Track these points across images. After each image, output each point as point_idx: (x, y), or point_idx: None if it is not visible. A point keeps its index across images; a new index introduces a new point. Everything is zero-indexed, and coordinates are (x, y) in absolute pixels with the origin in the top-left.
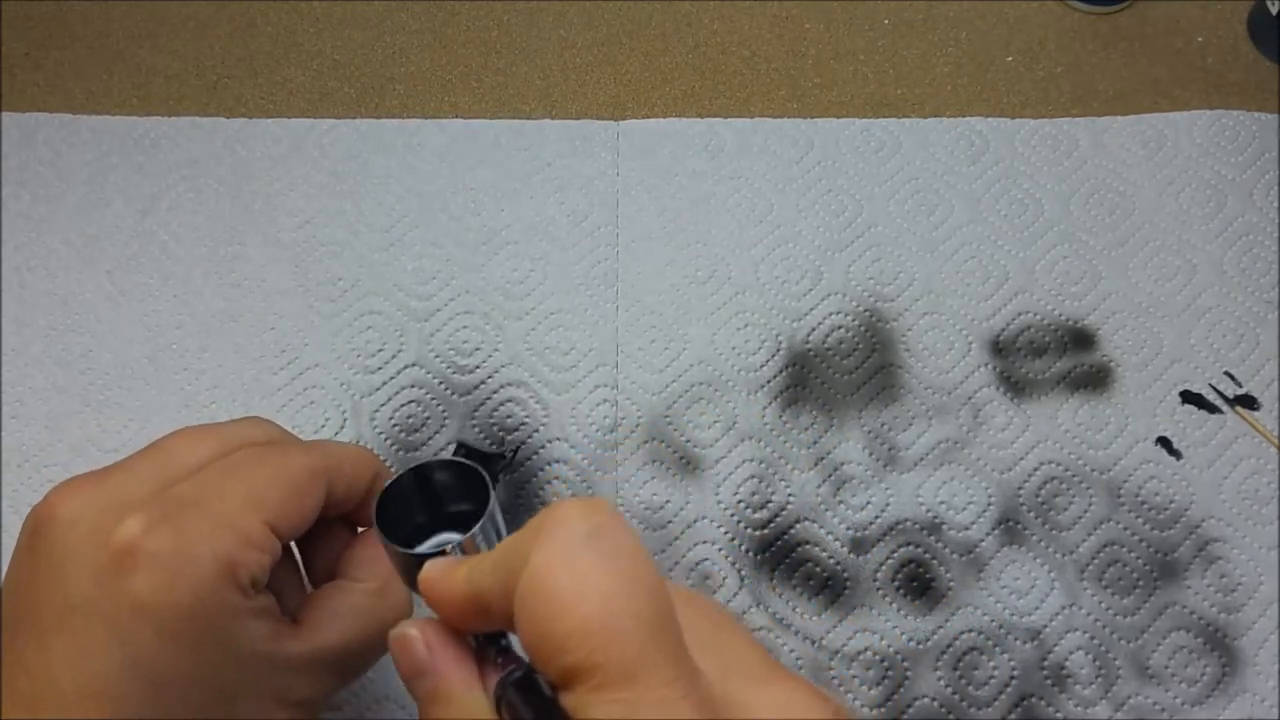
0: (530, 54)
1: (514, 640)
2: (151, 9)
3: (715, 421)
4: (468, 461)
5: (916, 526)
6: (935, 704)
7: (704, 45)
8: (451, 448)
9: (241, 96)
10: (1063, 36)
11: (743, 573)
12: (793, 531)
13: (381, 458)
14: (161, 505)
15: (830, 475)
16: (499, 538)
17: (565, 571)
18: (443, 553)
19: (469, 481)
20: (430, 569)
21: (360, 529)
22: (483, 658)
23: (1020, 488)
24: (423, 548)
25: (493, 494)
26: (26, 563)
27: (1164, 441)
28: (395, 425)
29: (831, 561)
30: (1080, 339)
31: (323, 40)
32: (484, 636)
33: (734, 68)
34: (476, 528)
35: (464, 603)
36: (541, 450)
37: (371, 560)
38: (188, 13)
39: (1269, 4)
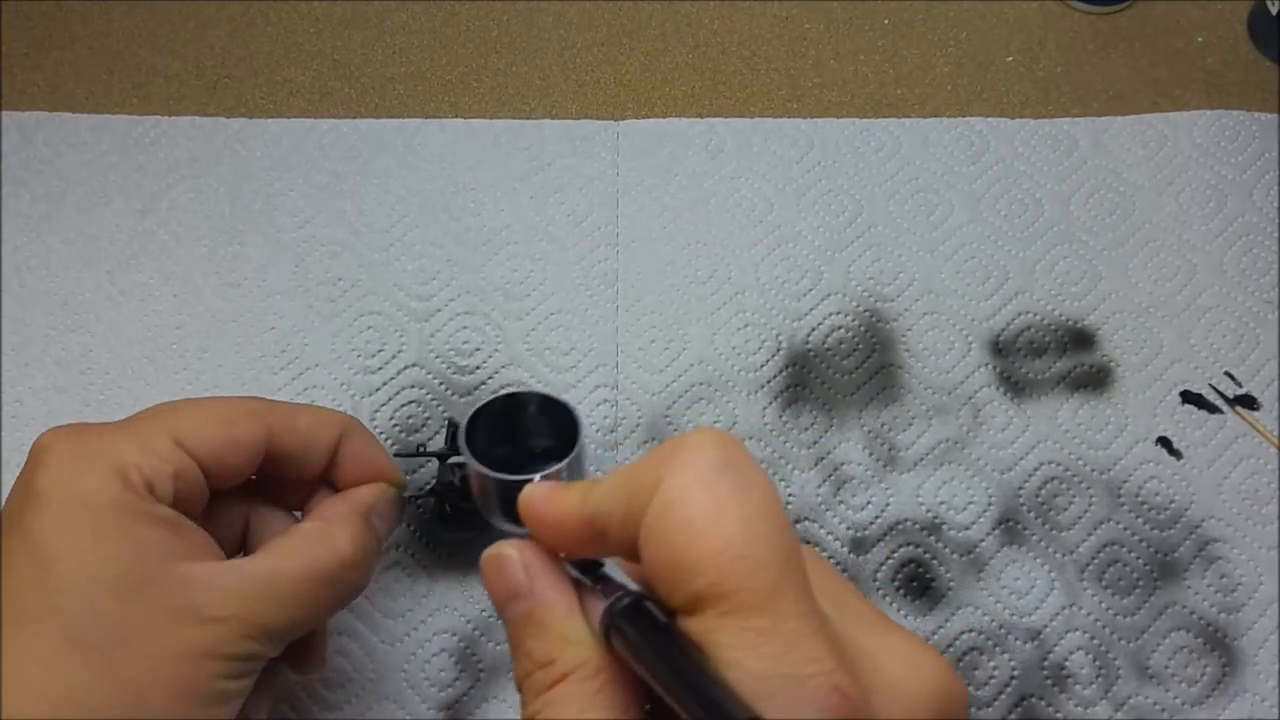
0: (530, 54)
1: (611, 568)
2: (151, 9)
3: (715, 421)
4: (558, 397)
5: (916, 526)
6: None
7: (704, 45)
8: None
9: (241, 96)
10: (1063, 36)
11: None
12: (794, 531)
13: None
14: (84, 425)
15: (830, 475)
16: (583, 466)
17: (702, 495)
18: (523, 481)
19: (555, 417)
20: (535, 490)
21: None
22: (578, 585)
23: (1020, 488)
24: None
25: (581, 431)
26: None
27: (1164, 441)
28: (395, 425)
29: (832, 561)
30: (1080, 339)
31: (323, 40)
32: (580, 564)
33: (734, 68)
34: (567, 460)
35: (577, 525)
36: None
37: (324, 506)
38: (188, 13)
39: (1269, 4)
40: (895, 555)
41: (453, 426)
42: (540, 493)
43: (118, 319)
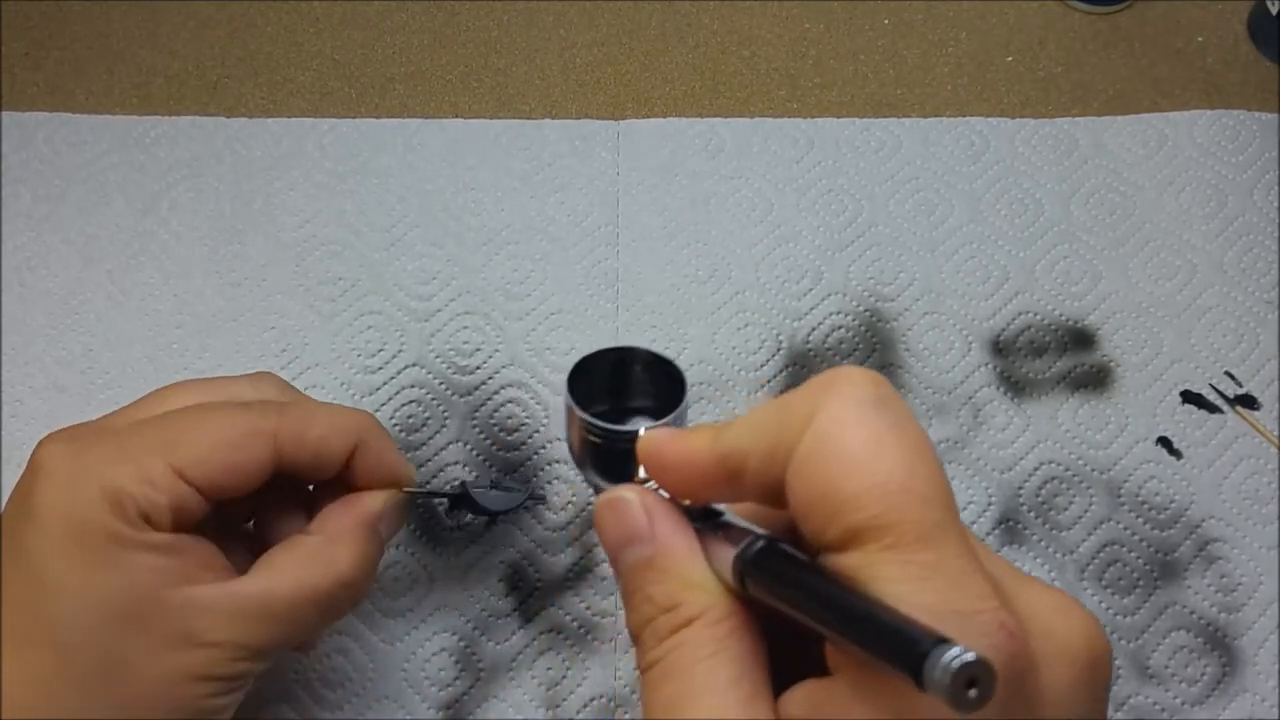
0: (530, 54)
1: (731, 516)
2: (151, 9)
3: (716, 421)
4: (664, 355)
5: None
6: None
7: (704, 45)
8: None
9: (241, 96)
10: (1063, 36)
11: None
12: None
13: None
14: (84, 434)
15: None
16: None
17: (860, 428)
18: (634, 433)
19: (658, 376)
20: (659, 434)
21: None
22: (699, 534)
23: (1020, 487)
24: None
25: (687, 387)
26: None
27: (1164, 441)
28: (395, 425)
29: None
30: (1080, 339)
31: (323, 40)
32: (698, 512)
33: (734, 68)
34: (674, 414)
35: (709, 466)
36: (542, 450)
37: (330, 516)
38: (188, 12)
39: (1269, 4)
40: None
41: (464, 488)
42: (664, 435)
43: (118, 318)
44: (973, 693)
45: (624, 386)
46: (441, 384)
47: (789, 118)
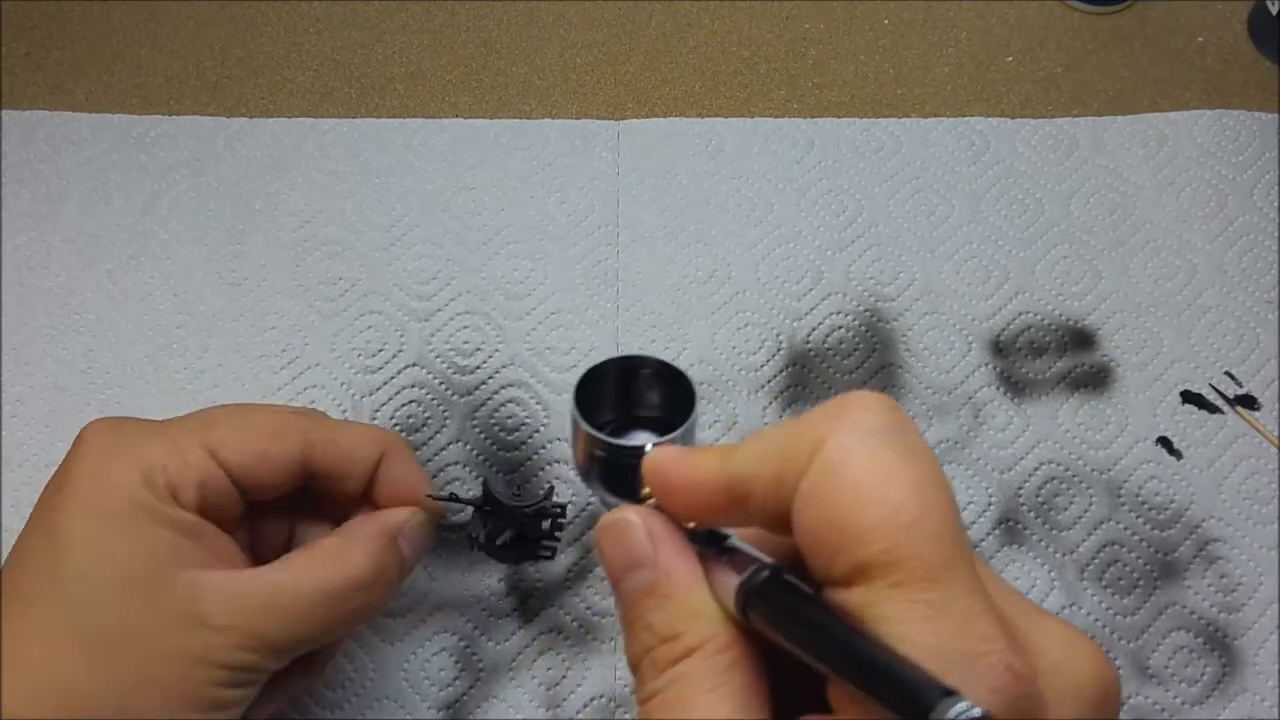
0: (530, 54)
1: (737, 541)
2: (151, 9)
3: (716, 421)
4: (673, 364)
5: None
6: None
7: (704, 45)
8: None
9: (242, 96)
10: (1063, 36)
11: None
12: None
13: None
14: (128, 419)
15: None
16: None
17: (870, 458)
18: (641, 448)
19: (668, 384)
20: (664, 453)
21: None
22: (701, 558)
23: (1020, 487)
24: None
25: (696, 398)
26: None
27: (1164, 441)
28: (396, 425)
29: None
30: (1080, 339)
31: (322, 40)
32: (703, 536)
33: (734, 68)
34: (682, 428)
35: (715, 489)
36: (542, 450)
37: (352, 523)
38: (188, 12)
39: (1269, 4)
40: None
41: (485, 486)
42: (670, 455)
43: (118, 318)
44: None
45: (632, 395)
46: (441, 384)
47: (789, 118)
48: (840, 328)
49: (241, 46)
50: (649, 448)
